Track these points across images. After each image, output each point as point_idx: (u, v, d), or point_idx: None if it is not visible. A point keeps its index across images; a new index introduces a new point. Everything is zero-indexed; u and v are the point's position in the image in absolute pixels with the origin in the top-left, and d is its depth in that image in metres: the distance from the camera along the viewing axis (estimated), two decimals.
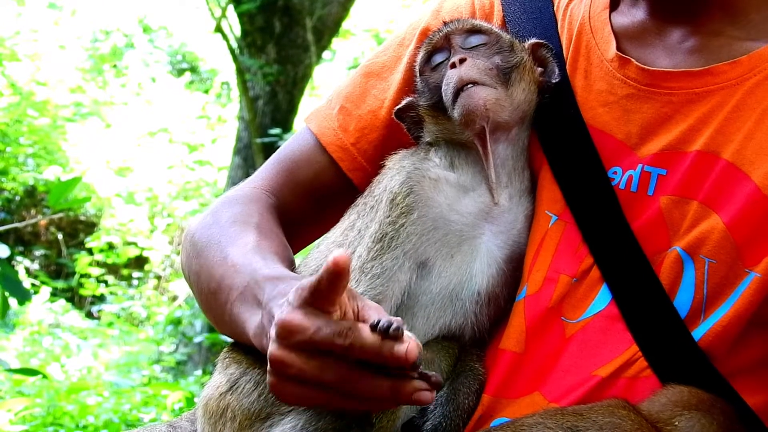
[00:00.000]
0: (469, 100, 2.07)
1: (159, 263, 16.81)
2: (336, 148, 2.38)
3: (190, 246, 2.32)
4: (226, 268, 2.12)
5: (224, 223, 2.27)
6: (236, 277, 2.06)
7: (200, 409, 2.10)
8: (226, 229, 2.24)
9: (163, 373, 11.24)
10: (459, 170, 2.16)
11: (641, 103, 2.12)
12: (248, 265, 2.06)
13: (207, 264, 2.20)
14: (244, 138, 11.03)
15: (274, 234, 2.26)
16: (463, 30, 2.20)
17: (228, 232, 2.23)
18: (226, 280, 2.09)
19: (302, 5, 10.87)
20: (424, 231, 2.08)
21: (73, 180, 4.49)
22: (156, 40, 21.14)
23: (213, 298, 2.15)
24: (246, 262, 2.07)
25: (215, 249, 2.20)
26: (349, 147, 2.38)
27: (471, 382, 2.08)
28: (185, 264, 2.35)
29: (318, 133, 2.41)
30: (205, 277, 2.20)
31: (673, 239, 2.03)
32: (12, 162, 16.40)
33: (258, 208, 2.33)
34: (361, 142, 2.37)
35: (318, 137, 2.41)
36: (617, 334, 2.04)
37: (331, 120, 2.41)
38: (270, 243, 2.18)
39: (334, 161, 2.38)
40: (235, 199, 2.39)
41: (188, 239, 2.35)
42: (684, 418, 1.88)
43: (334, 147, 2.38)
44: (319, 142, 2.40)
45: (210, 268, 2.18)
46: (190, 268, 2.31)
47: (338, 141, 2.38)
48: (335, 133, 2.39)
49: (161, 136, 18.22)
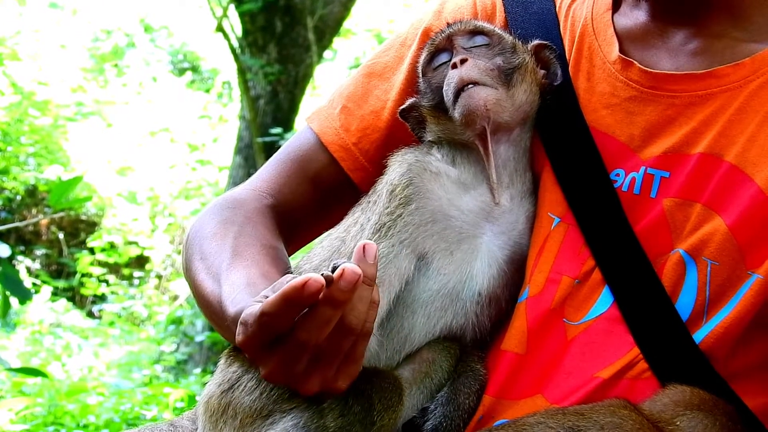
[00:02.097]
0: (469, 100, 2.07)
1: (160, 263, 16.81)
2: (338, 147, 2.38)
3: (183, 252, 2.37)
4: (204, 289, 2.17)
5: (207, 235, 2.29)
6: (212, 302, 2.11)
7: (201, 407, 2.10)
8: (207, 246, 2.26)
9: (164, 372, 11.24)
10: (460, 167, 2.16)
11: (644, 105, 2.12)
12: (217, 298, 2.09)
13: (192, 278, 2.26)
14: (246, 137, 11.03)
15: (252, 242, 2.25)
16: (465, 31, 2.20)
17: (207, 250, 2.25)
18: (207, 298, 2.15)
19: (303, 5, 10.87)
20: (421, 222, 2.08)
21: (74, 179, 4.49)
22: (157, 40, 21.15)
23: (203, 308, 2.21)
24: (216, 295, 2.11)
25: (197, 265, 2.24)
26: (350, 147, 2.38)
27: (472, 383, 2.09)
28: (184, 268, 2.40)
29: (320, 133, 2.41)
30: (193, 289, 2.27)
31: (675, 241, 2.03)
32: (13, 161, 16.41)
33: (244, 215, 2.34)
34: (362, 142, 2.37)
35: (320, 136, 2.41)
36: (619, 336, 2.04)
37: (333, 120, 2.41)
38: (241, 258, 2.19)
39: (336, 161, 2.39)
40: (226, 204, 2.40)
41: (183, 245, 2.40)
42: (686, 418, 1.88)
43: (336, 146, 2.39)
44: (321, 142, 2.40)
45: (195, 283, 2.24)
46: (185, 273, 2.36)
47: (340, 140, 2.39)
48: (337, 132, 2.39)
49: (162, 135, 18.22)
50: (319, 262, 2.23)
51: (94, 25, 20.43)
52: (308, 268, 2.22)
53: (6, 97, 16.62)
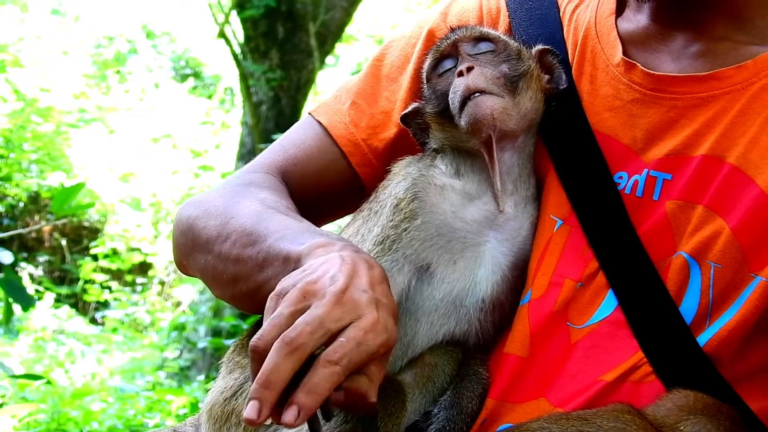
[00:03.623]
0: (476, 109, 2.06)
1: (163, 269, 16.81)
2: (347, 141, 2.37)
3: (195, 211, 2.23)
4: (258, 216, 2.06)
5: (234, 188, 2.22)
6: (272, 222, 2.01)
7: (205, 415, 2.10)
8: (241, 190, 2.19)
9: (167, 378, 11.23)
10: (465, 178, 2.15)
11: (647, 107, 2.12)
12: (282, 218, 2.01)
13: (230, 215, 2.12)
14: (248, 143, 11.02)
15: (281, 197, 2.21)
16: (470, 37, 2.19)
17: (243, 191, 2.18)
18: (263, 223, 2.03)
19: (305, 10, 10.88)
20: (427, 237, 2.08)
21: (77, 186, 4.48)
22: (159, 46, 21.19)
23: (243, 243, 2.05)
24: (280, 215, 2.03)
25: (211, 222, 2.14)
26: (359, 142, 2.37)
27: (474, 386, 2.08)
28: (184, 229, 2.26)
29: (328, 126, 2.39)
30: (230, 228, 2.10)
31: (678, 244, 2.03)
32: (16, 168, 16.42)
33: (258, 184, 2.27)
34: (372, 139, 2.36)
35: (329, 129, 2.38)
36: (623, 340, 2.03)
37: (342, 114, 2.39)
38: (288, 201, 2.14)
39: (344, 155, 2.37)
40: (235, 183, 2.33)
41: (187, 212, 2.26)
42: (689, 422, 1.87)
43: (345, 141, 2.37)
44: (330, 135, 2.38)
45: (234, 218, 2.10)
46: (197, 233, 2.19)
47: (349, 135, 2.37)
48: (346, 127, 2.38)
49: (165, 141, 18.23)
50: None
51: (96, 32, 20.47)
52: None
53: (8, 104, 16.63)
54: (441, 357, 2.13)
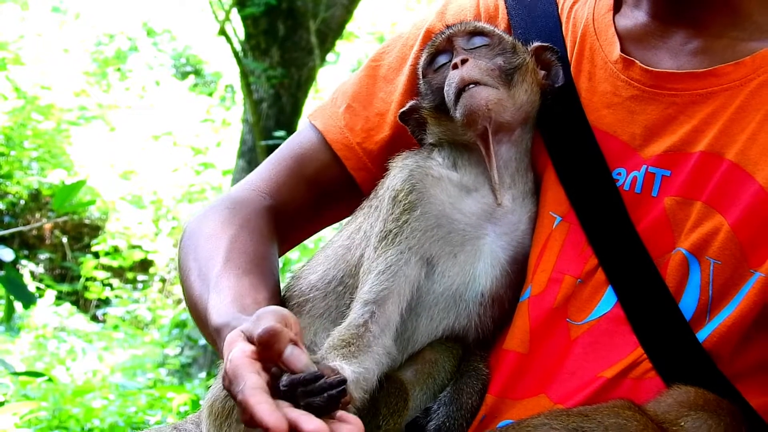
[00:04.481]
0: (471, 100, 2.07)
1: (164, 266, 16.81)
2: (342, 146, 2.38)
3: (179, 248, 2.39)
4: (193, 291, 2.22)
5: (203, 235, 2.32)
6: (199, 306, 2.16)
7: (205, 411, 2.10)
8: (202, 246, 2.29)
9: (168, 376, 11.23)
10: (462, 170, 2.16)
11: (645, 104, 2.12)
12: (204, 304, 2.12)
13: (185, 277, 2.30)
14: (249, 141, 11.03)
15: (245, 249, 2.26)
16: (465, 32, 2.20)
17: (201, 251, 2.27)
18: (195, 300, 2.20)
19: (306, 8, 10.88)
20: (427, 227, 2.08)
21: (78, 183, 4.49)
22: (160, 44, 21.18)
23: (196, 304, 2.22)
24: (203, 300, 2.14)
25: (191, 265, 2.28)
26: (354, 146, 2.38)
27: (474, 382, 2.09)
28: (178, 264, 2.42)
29: (324, 131, 2.41)
30: (184, 287, 2.32)
31: (677, 240, 2.03)
32: (16, 166, 16.42)
33: (243, 217, 2.35)
34: (367, 142, 2.37)
35: (324, 134, 2.41)
36: (623, 336, 2.04)
37: (337, 118, 2.41)
38: (233, 265, 2.20)
39: (339, 159, 2.39)
40: (225, 204, 2.41)
41: (180, 240, 2.41)
42: (690, 418, 1.87)
43: (340, 145, 2.39)
44: (325, 140, 2.40)
45: (186, 282, 2.28)
46: (179, 269, 2.39)
47: (344, 139, 2.39)
48: (341, 131, 2.39)
49: (165, 139, 18.23)
50: (323, 270, 2.22)
51: (96, 29, 20.47)
52: (313, 279, 2.23)
53: (9, 102, 16.64)
54: (441, 353, 2.13)
